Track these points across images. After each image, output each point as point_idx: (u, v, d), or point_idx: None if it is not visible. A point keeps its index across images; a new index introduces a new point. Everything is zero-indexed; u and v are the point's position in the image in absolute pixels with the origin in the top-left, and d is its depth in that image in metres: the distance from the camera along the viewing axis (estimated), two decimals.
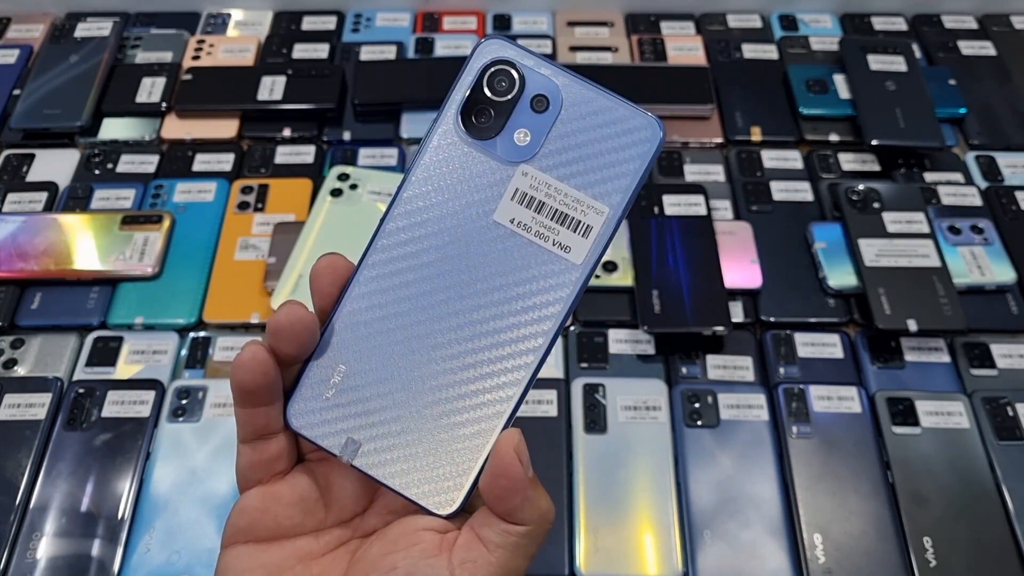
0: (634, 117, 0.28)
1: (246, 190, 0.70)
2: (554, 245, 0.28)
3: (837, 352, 0.62)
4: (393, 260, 0.29)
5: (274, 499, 0.29)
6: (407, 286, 0.29)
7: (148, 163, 0.73)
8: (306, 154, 0.74)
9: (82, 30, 0.81)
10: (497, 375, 0.28)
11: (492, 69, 0.28)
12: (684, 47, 0.82)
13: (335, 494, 0.30)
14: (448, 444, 0.28)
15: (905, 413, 0.58)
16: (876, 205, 0.67)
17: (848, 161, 0.74)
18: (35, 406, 0.58)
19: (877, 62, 0.77)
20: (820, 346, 0.62)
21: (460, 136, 0.28)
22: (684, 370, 0.61)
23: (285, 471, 0.29)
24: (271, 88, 0.76)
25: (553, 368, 0.60)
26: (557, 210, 0.28)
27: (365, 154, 0.74)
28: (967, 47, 0.83)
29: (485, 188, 0.28)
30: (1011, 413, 0.58)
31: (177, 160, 0.73)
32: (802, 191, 0.71)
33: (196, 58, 0.81)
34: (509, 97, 0.28)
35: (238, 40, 0.83)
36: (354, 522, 0.30)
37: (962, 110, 0.76)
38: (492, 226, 0.28)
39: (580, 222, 0.28)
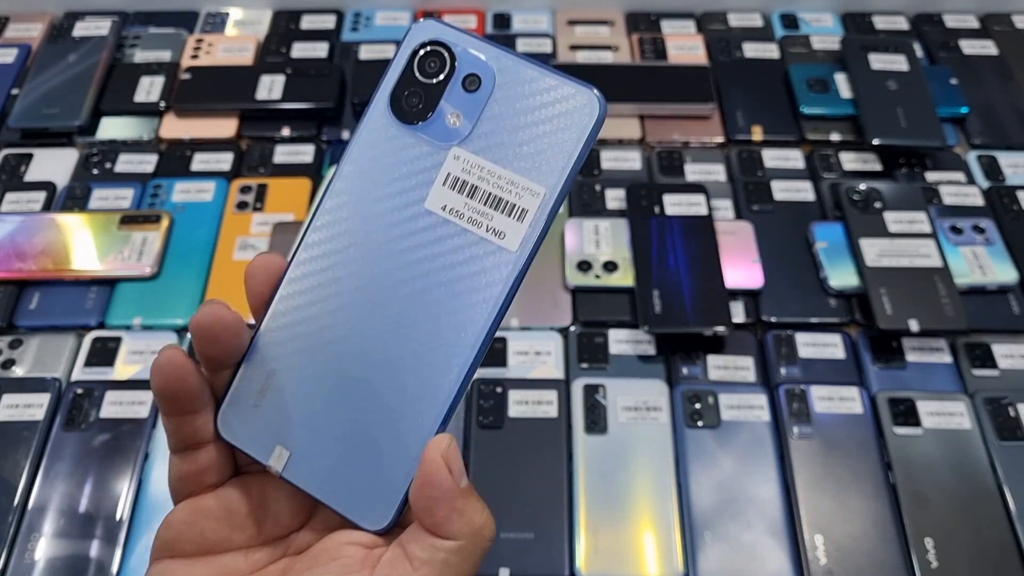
0: (571, 92, 0.26)
1: (245, 190, 0.70)
2: (488, 231, 0.26)
3: (838, 352, 0.62)
4: (321, 257, 0.27)
5: (201, 512, 0.27)
6: (336, 284, 0.27)
7: (147, 163, 0.73)
8: (305, 153, 0.73)
9: (80, 29, 0.81)
10: (428, 375, 0.26)
11: (423, 51, 0.27)
12: (685, 46, 0.82)
13: (270, 509, 0.28)
14: (380, 453, 0.26)
15: (906, 413, 0.57)
16: (877, 205, 0.67)
17: (849, 160, 0.73)
18: (33, 407, 0.58)
19: (878, 61, 0.77)
20: (821, 346, 0.62)
21: (391, 122, 0.27)
22: (685, 370, 0.60)
23: (217, 483, 0.28)
24: (270, 87, 0.76)
25: (553, 368, 0.60)
26: (490, 194, 0.26)
27: None
28: (969, 46, 0.82)
29: (416, 175, 0.27)
30: (1012, 413, 0.58)
31: (176, 160, 0.73)
32: (803, 191, 0.71)
33: (195, 57, 0.80)
34: (440, 78, 0.27)
35: (237, 39, 0.83)
36: (289, 539, 0.28)
37: (964, 109, 0.76)
38: (423, 215, 0.27)
39: (515, 206, 0.26)
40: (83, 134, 0.75)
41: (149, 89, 0.77)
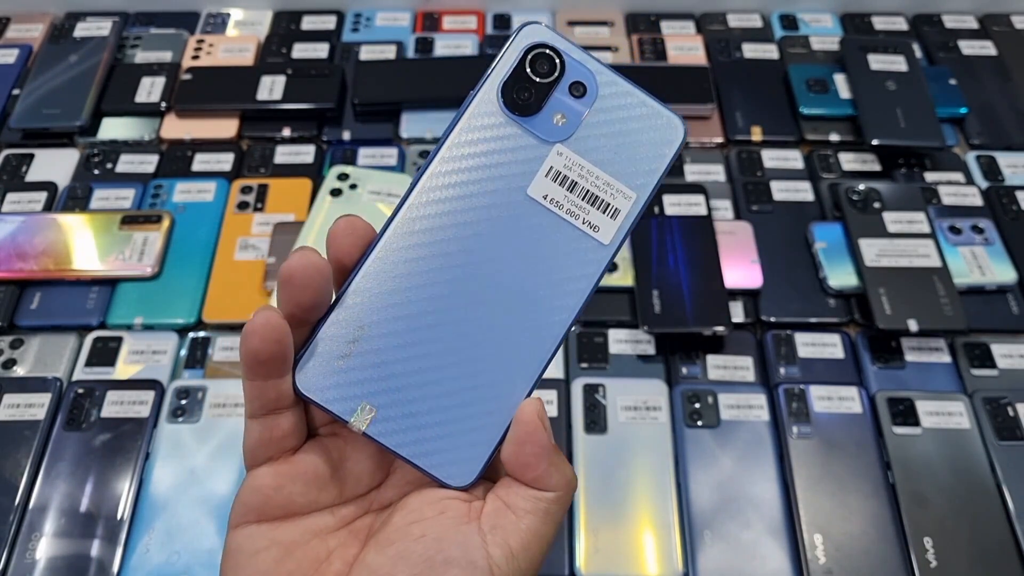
0: (662, 115, 0.29)
1: (246, 190, 0.70)
2: (584, 224, 0.29)
3: (838, 352, 0.62)
4: (422, 224, 0.29)
5: (287, 477, 0.27)
6: (435, 252, 0.29)
7: (147, 163, 0.73)
8: (306, 154, 0.74)
9: (81, 30, 0.81)
10: (520, 347, 0.29)
11: (535, 51, 0.29)
12: (684, 47, 0.82)
13: (350, 468, 0.29)
14: (467, 415, 0.28)
15: (905, 413, 0.58)
16: (877, 205, 0.67)
17: (849, 161, 0.73)
18: (34, 406, 0.58)
19: (878, 62, 0.77)
20: (820, 346, 0.62)
21: (499, 110, 0.29)
22: (684, 370, 0.60)
23: (296, 447, 0.28)
24: (271, 88, 0.76)
25: (553, 368, 0.60)
26: (588, 191, 0.29)
27: (365, 154, 0.73)
28: (968, 47, 0.83)
29: (520, 163, 0.29)
30: (1012, 413, 0.58)
31: (176, 160, 0.73)
32: (802, 191, 0.71)
33: (196, 58, 0.80)
34: (550, 80, 0.29)
35: (238, 40, 0.83)
36: (370, 496, 0.29)
37: (963, 110, 0.76)
38: (525, 200, 0.29)
39: (609, 204, 0.29)
40: (84, 134, 0.75)
41: (150, 89, 0.77)
